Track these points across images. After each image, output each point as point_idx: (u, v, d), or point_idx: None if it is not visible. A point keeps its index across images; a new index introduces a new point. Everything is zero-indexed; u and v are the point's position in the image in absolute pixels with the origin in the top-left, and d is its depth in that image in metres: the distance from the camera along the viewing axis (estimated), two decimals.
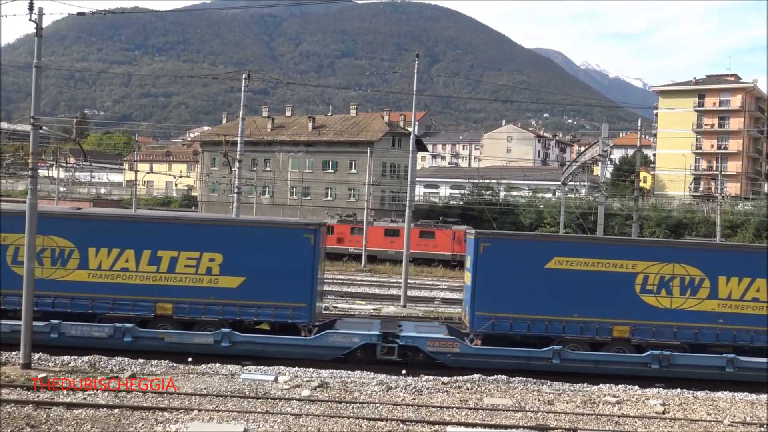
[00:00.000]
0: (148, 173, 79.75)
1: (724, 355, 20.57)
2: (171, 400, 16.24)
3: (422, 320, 28.05)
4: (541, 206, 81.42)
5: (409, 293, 35.60)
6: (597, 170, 66.55)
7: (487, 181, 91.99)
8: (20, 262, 20.13)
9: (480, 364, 20.49)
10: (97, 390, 16.69)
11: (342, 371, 19.69)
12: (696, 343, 20.96)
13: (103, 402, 15.84)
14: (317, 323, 22.08)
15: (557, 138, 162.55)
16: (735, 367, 20.39)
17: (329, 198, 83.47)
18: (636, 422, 16.24)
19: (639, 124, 53.49)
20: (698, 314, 20.83)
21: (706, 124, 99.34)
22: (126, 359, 19.55)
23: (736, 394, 19.41)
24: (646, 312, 20.83)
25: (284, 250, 20.95)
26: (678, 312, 20.80)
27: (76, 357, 19.59)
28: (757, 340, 20.78)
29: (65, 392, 16.46)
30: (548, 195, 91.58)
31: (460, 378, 19.31)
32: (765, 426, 16.47)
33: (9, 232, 21.06)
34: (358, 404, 16.50)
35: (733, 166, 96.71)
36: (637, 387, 19.63)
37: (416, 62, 39.94)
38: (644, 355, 20.59)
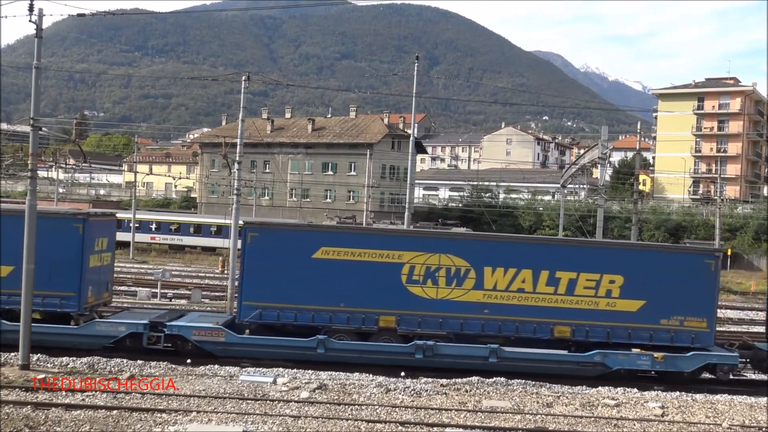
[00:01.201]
0: (147, 175, 79.86)
1: (488, 345, 20.48)
2: (170, 402, 16.23)
3: (222, 312, 27.25)
4: (541, 209, 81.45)
5: None
6: (596, 173, 66.60)
7: (487, 183, 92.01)
8: None
9: (247, 353, 20.49)
10: (97, 390, 16.68)
11: (341, 373, 19.70)
12: (462, 334, 20.86)
13: (102, 403, 15.84)
14: (109, 313, 22.27)
15: (557, 140, 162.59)
16: (498, 357, 20.39)
17: (329, 200, 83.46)
18: (635, 425, 16.23)
19: (638, 127, 53.53)
20: (464, 305, 20.76)
21: (705, 127, 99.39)
22: (125, 360, 19.56)
23: (734, 397, 19.43)
24: (413, 302, 20.76)
25: (52, 240, 20.43)
26: (444, 302, 20.73)
27: (74, 358, 19.59)
28: (522, 330, 20.72)
29: (64, 393, 16.45)
30: (547, 197, 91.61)
31: (459, 380, 19.32)
32: (764, 429, 16.48)
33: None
34: (356, 406, 16.50)
35: (733, 169, 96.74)
36: (636, 390, 19.65)
37: (416, 64, 39.96)
38: (408, 345, 20.55)
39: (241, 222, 21.82)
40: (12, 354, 19.29)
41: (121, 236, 51.16)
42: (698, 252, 21.91)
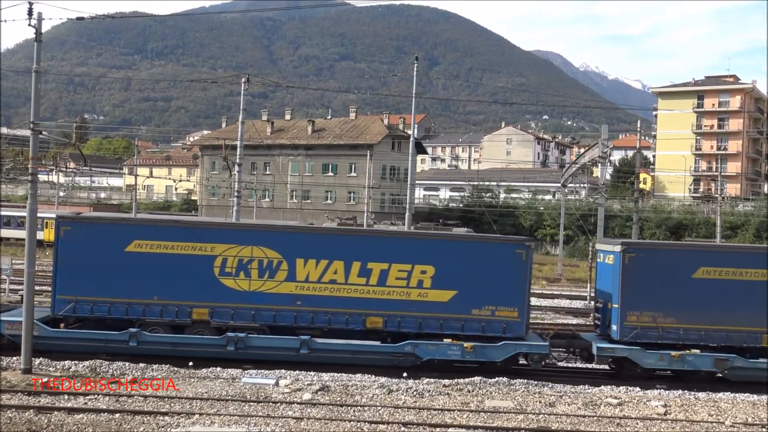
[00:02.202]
0: (147, 177, 79.88)
1: (300, 336, 20.49)
2: (172, 404, 16.23)
3: None
4: (541, 208, 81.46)
5: None
6: (597, 172, 66.60)
7: (487, 183, 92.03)
8: None
9: (60, 347, 20.40)
10: (98, 393, 16.68)
11: (343, 374, 19.69)
12: (276, 325, 20.86)
13: (104, 407, 15.84)
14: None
15: (557, 140, 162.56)
16: (310, 348, 20.38)
17: (329, 201, 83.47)
18: (638, 424, 16.23)
19: (638, 125, 53.44)
20: (276, 296, 20.77)
21: (705, 125, 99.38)
22: (127, 364, 19.56)
23: (737, 395, 19.42)
24: (226, 294, 20.71)
25: None
26: (257, 294, 20.71)
27: (76, 362, 19.59)
28: (335, 321, 20.73)
29: (66, 397, 16.46)
30: (548, 197, 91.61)
31: (461, 380, 19.32)
32: (766, 427, 16.46)
33: None
34: (359, 407, 16.50)
35: (733, 167, 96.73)
36: (638, 388, 19.65)
37: (415, 65, 39.97)
38: (220, 337, 20.57)
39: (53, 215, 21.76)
40: (14, 358, 19.30)
41: None
42: (509, 242, 21.83)
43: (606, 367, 21.91)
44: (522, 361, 21.06)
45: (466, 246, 21.68)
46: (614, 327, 20.83)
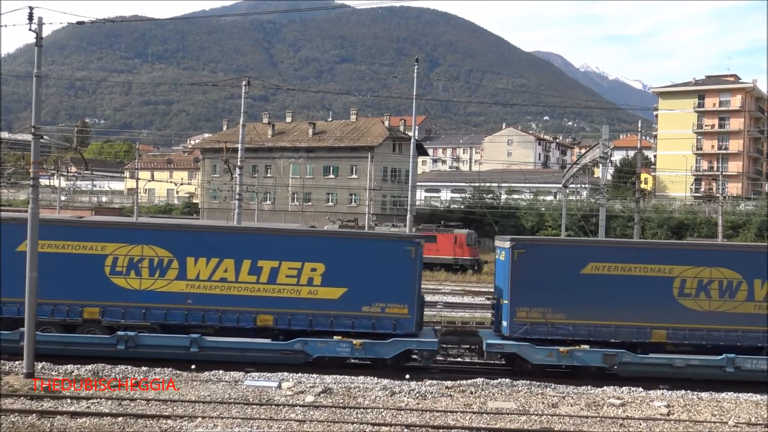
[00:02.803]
0: (149, 181, 79.87)
1: (189, 335, 20.54)
2: (175, 408, 16.24)
3: None
4: (543, 209, 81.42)
5: None
6: (598, 172, 66.58)
7: (488, 184, 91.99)
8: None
9: None
10: (100, 394, 16.69)
11: (345, 377, 19.68)
12: (167, 324, 20.89)
13: (107, 410, 15.85)
14: None
15: (557, 140, 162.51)
16: (200, 346, 20.47)
17: (330, 203, 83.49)
18: (641, 424, 16.22)
19: (639, 125, 53.54)
20: (167, 295, 20.80)
21: (706, 125, 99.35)
22: (129, 367, 19.58)
23: (740, 394, 19.39)
24: (116, 293, 20.78)
25: None
26: (147, 293, 20.75)
27: (79, 366, 19.61)
28: (225, 319, 20.80)
29: (69, 401, 16.47)
30: (549, 198, 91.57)
31: (464, 382, 19.31)
32: None
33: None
34: (362, 409, 16.49)
35: (734, 167, 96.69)
36: (641, 389, 19.62)
37: (416, 67, 40.00)
38: (109, 336, 20.61)
39: None
40: (17, 362, 19.31)
41: None
42: (398, 239, 21.92)
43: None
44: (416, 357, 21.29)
45: (356, 243, 21.79)
46: (504, 323, 20.96)
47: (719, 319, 20.71)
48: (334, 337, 20.65)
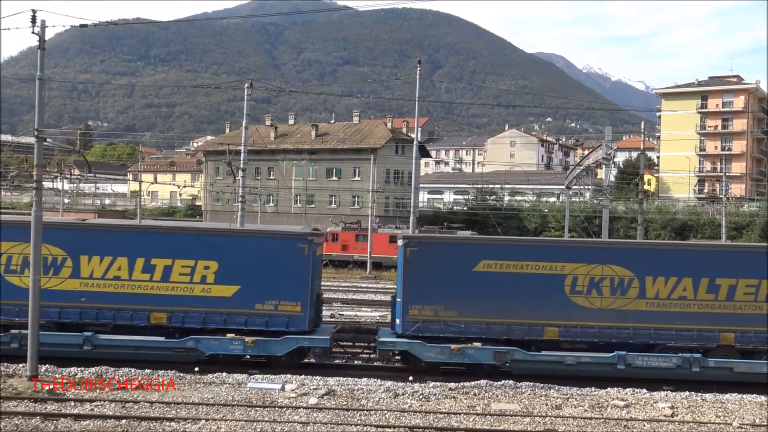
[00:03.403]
0: (152, 183, 79.94)
1: (83, 333, 20.62)
2: (179, 410, 16.24)
3: None
4: (546, 210, 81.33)
5: None
6: (601, 174, 66.50)
7: (491, 186, 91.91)
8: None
9: None
10: (101, 393, 16.71)
11: (349, 378, 19.68)
12: (61, 322, 20.92)
13: (111, 413, 15.85)
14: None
15: (560, 142, 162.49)
16: (93, 344, 20.54)
17: (333, 205, 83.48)
18: (645, 426, 16.18)
19: (642, 126, 53.36)
20: (61, 293, 20.86)
21: (709, 126, 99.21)
22: (133, 370, 19.60)
23: (744, 396, 19.34)
24: (11, 292, 20.82)
25: None
26: (42, 291, 20.48)
27: (83, 368, 19.63)
28: (119, 317, 20.86)
29: (72, 404, 16.48)
30: (552, 199, 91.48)
31: (467, 384, 19.29)
32: None
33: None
34: (365, 411, 16.48)
35: (738, 168, 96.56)
36: (645, 390, 19.58)
37: (418, 68, 40.02)
38: (3, 334, 20.70)
39: None
40: (20, 365, 19.34)
41: None
42: (291, 236, 21.81)
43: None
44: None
45: (249, 241, 21.73)
46: (398, 321, 20.99)
47: (611, 316, 20.73)
48: (228, 334, 20.76)
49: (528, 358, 20.46)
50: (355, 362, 22.94)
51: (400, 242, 21.24)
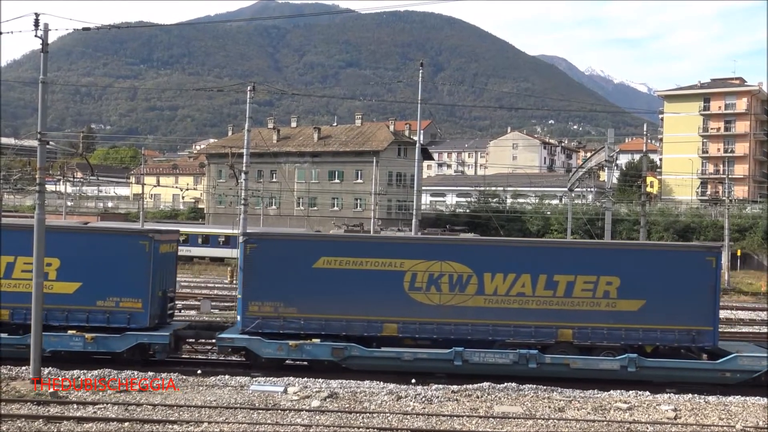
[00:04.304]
0: (154, 186, 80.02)
1: None
2: (181, 413, 16.24)
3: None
4: (548, 213, 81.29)
5: None
6: (603, 176, 66.43)
7: (494, 188, 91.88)
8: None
9: None
10: (104, 395, 16.72)
11: (352, 381, 19.67)
12: None
13: (113, 416, 15.86)
14: None
15: (563, 144, 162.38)
16: None
17: (336, 208, 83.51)
18: (648, 428, 16.16)
19: (645, 128, 53.35)
20: None
21: (711, 128, 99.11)
22: (135, 372, 19.61)
23: (748, 398, 19.30)
24: None
25: None
26: None
27: (85, 371, 19.66)
28: None
29: (75, 407, 16.50)
30: (555, 201, 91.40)
31: (470, 386, 19.27)
32: None
33: None
34: (368, 414, 16.47)
35: (740, 170, 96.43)
36: (648, 393, 19.54)
37: (420, 71, 40.01)
38: None
39: None
40: (23, 368, 19.36)
41: None
42: (131, 234, 22.17)
43: None
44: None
45: (90, 238, 21.95)
46: (239, 317, 21.15)
47: (450, 312, 20.83)
48: (69, 331, 20.88)
49: (365, 354, 20.63)
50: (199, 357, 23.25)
51: (240, 240, 21.49)
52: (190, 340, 23.03)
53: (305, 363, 21.34)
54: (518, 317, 20.81)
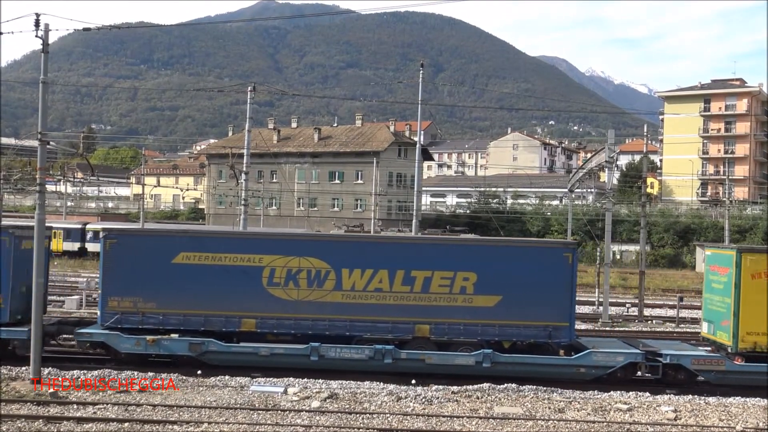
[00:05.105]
0: (155, 187, 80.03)
1: None
2: (181, 413, 16.24)
3: None
4: (548, 214, 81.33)
5: None
6: (604, 177, 66.46)
7: (494, 189, 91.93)
8: None
9: None
10: (104, 395, 16.72)
11: (351, 382, 19.65)
12: None
13: (113, 416, 15.86)
14: None
15: (563, 145, 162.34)
16: None
17: (336, 209, 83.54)
18: (648, 429, 16.16)
19: (645, 129, 53.31)
20: None
21: (712, 129, 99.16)
22: (135, 373, 19.60)
23: (748, 399, 19.30)
24: None
25: None
26: None
27: (86, 371, 19.65)
28: None
29: (75, 407, 16.50)
30: (555, 202, 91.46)
31: (470, 387, 19.26)
32: None
33: None
34: (368, 415, 16.46)
35: (741, 171, 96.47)
36: (648, 394, 19.53)
37: (421, 72, 40.06)
38: None
39: None
40: (23, 368, 19.36)
41: None
42: None
43: None
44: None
45: None
46: (99, 312, 21.16)
47: (308, 308, 20.90)
48: None
49: (223, 350, 20.64)
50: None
51: (101, 235, 21.52)
52: (49, 334, 22.58)
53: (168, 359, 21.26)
54: (376, 313, 20.86)
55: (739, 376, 20.45)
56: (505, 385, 19.59)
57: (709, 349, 22.08)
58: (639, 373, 20.78)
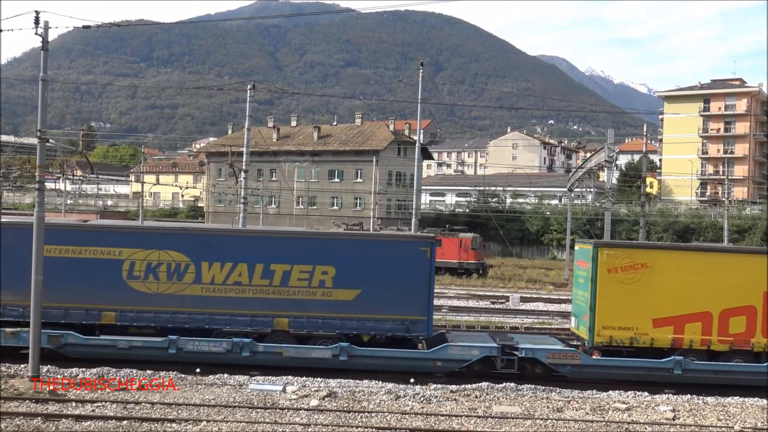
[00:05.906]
0: (154, 185, 79.99)
1: None
2: (180, 411, 16.24)
3: None
4: (548, 213, 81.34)
5: None
6: (603, 176, 66.48)
7: (493, 188, 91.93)
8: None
9: None
10: (103, 393, 16.72)
11: (350, 380, 19.65)
12: None
13: (112, 414, 15.86)
14: None
15: (563, 144, 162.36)
16: None
17: (335, 207, 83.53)
18: (646, 429, 16.17)
19: (644, 129, 53.36)
20: None
21: (711, 129, 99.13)
22: (134, 371, 19.60)
23: (746, 399, 19.31)
24: None
25: None
26: None
27: (84, 369, 19.65)
28: None
29: (74, 405, 16.50)
30: (554, 202, 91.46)
31: (468, 386, 19.27)
32: None
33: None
34: (366, 414, 16.47)
35: (740, 171, 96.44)
36: (647, 393, 19.55)
37: (421, 71, 40.04)
38: None
39: None
40: (22, 365, 19.36)
41: None
42: None
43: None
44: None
45: None
46: None
47: (168, 301, 20.94)
48: None
49: (82, 342, 20.67)
50: None
51: None
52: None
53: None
54: (235, 306, 20.95)
55: (594, 370, 20.64)
56: (504, 384, 19.61)
57: (577, 344, 22.20)
58: (498, 367, 20.73)
